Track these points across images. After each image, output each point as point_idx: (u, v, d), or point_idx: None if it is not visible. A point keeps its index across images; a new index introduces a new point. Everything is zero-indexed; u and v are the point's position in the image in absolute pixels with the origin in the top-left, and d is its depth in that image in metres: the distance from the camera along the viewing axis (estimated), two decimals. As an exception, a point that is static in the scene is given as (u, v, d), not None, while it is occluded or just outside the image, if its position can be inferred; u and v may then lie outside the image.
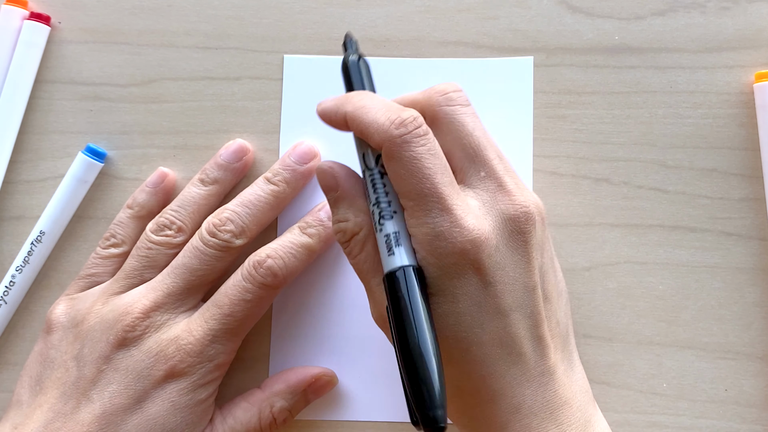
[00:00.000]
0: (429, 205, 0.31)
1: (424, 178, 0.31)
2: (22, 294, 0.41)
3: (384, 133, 0.32)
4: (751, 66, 0.41)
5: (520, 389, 0.32)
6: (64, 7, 0.43)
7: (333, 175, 0.34)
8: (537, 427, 0.32)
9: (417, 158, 0.31)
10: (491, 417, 0.32)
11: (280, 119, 0.42)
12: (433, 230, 0.31)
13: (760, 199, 0.41)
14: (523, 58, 0.42)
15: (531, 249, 0.33)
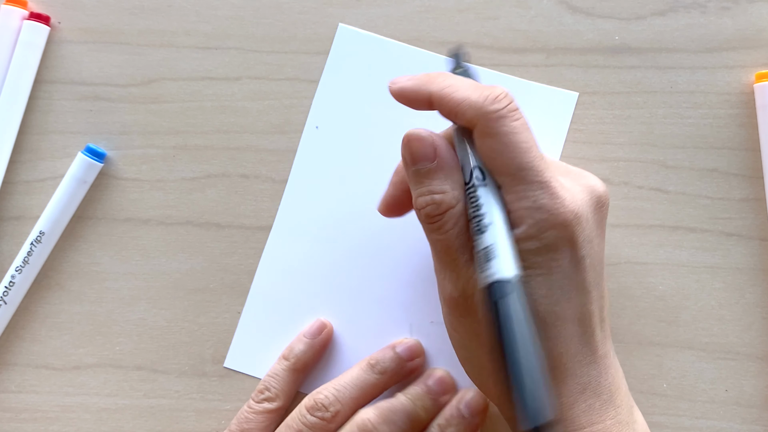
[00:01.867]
0: (528, 179, 0.31)
1: (523, 152, 0.31)
2: (22, 294, 0.41)
3: (479, 109, 0.31)
4: (751, 66, 0.41)
5: (587, 369, 0.33)
6: (63, 7, 0.43)
7: (432, 144, 0.33)
8: (599, 408, 0.33)
9: (514, 132, 0.31)
10: (559, 397, 0.32)
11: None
12: (534, 203, 0.31)
13: (760, 199, 0.41)
14: (569, 92, 0.42)
15: (605, 226, 0.34)
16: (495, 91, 0.32)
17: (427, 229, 0.33)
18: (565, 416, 0.33)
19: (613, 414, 0.33)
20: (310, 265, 0.41)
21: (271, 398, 0.39)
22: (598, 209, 0.33)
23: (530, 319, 0.30)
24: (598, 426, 0.32)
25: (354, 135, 0.42)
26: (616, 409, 0.33)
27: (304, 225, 0.42)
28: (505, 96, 0.32)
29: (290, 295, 0.41)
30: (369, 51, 0.42)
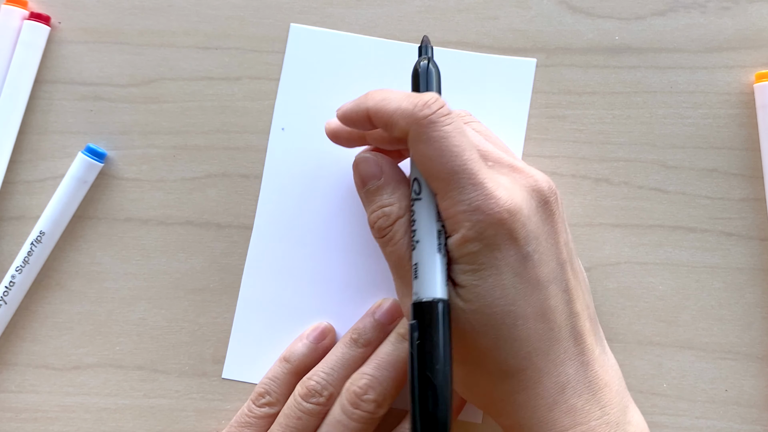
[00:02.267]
0: (461, 182, 0.32)
1: (454, 156, 0.32)
2: (22, 294, 0.41)
3: (410, 117, 0.32)
4: (751, 66, 0.41)
5: (564, 368, 0.33)
6: (64, 7, 0.43)
7: (377, 163, 0.35)
8: (581, 408, 0.32)
9: (444, 137, 0.32)
10: (536, 399, 0.32)
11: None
12: (469, 206, 0.31)
13: (760, 199, 0.41)
14: (527, 59, 0.42)
15: (557, 221, 0.34)
16: (424, 98, 0.32)
17: (381, 245, 0.34)
18: (545, 419, 0.32)
19: (598, 414, 0.32)
20: (295, 264, 0.41)
21: (272, 402, 0.39)
22: (542, 205, 0.33)
23: (446, 343, 0.30)
24: (581, 427, 0.32)
25: (321, 132, 0.42)
26: (602, 408, 0.33)
27: (284, 225, 0.41)
28: (435, 101, 0.32)
29: (279, 296, 0.41)
30: (325, 47, 0.42)
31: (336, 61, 0.42)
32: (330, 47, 0.42)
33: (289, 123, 0.42)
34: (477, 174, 0.32)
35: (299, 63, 0.42)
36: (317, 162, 0.42)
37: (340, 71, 0.42)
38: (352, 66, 0.42)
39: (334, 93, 0.42)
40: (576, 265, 0.35)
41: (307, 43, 0.42)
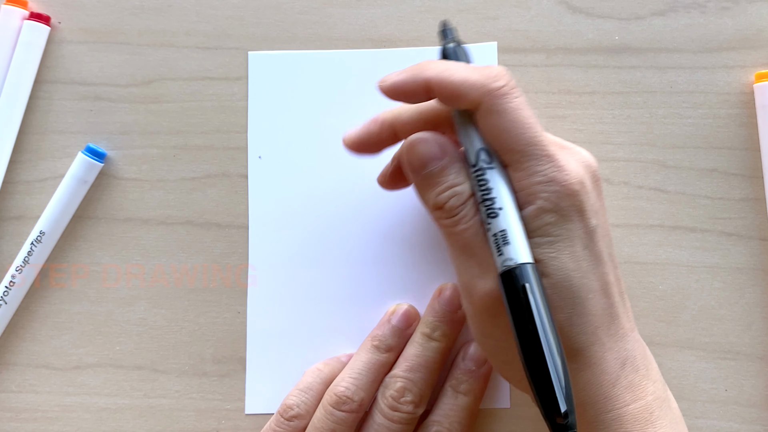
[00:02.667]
0: (536, 154, 0.31)
1: (528, 127, 0.32)
2: (22, 294, 0.41)
3: (482, 88, 0.31)
4: (751, 66, 0.41)
5: (623, 343, 0.33)
6: (64, 7, 0.43)
7: (437, 142, 0.33)
8: (639, 384, 0.33)
9: (519, 108, 0.32)
10: (601, 375, 0.32)
11: (246, 119, 0.42)
12: (545, 177, 0.31)
13: (760, 199, 0.41)
14: (487, 44, 0.42)
15: (602, 199, 0.34)
16: (494, 70, 0.32)
17: (448, 226, 0.33)
18: (608, 395, 0.32)
19: (652, 390, 0.33)
20: (300, 287, 0.41)
21: (301, 415, 0.38)
22: (595, 182, 0.34)
23: (547, 307, 0.30)
24: (640, 402, 0.32)
25: (298, 159, 0.42)
26: (654, 384, 0.33)
27: (282, 251, 0.41)
28: (505, 73, 0.32)
29: (288, 321, 0.41)
30: (287, 69, 0.42)
31: (302, 81, 0.42)
32: (293, 68, 0.42)
33: (265, 151, 0.42)
34: (549, 146, 0.32)
35: (265, 90, 0.42)
36: (300, 188, 0.42)
37: (308, 91, 0.42)
38: (319, 83, 0.42)
39: (305, 113, 0.42)
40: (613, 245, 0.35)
41: (269, 68, 0.42)
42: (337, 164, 0.41)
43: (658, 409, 0.33)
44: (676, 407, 0.35)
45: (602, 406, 0.32)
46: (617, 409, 0.32)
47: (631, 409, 0.32)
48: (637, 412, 0.32)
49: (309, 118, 0.42)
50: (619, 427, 0.32)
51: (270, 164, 0.42)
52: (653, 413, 0.32)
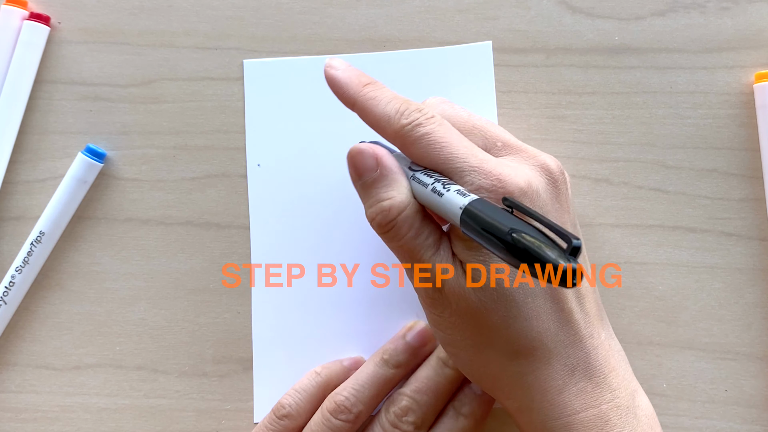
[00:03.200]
0: (460, 168, 0.32)
1: (441, 148, 0.32)
2: (22, 294, 0.41)
3: (393, 126, 0.33)
4: (751, 66, 0.41)
5: (574, 350, 0.33)
6: (63, 7, 0.43)
7: (373, 154, 0.34)
8: (592, 392, 0.32)
9: (429, 133, 0.32)
10: (546, 381, 0.32)
11: (244, 125, 0.42)
12: (473, 186, 0.32)
13: (760, 199, 0.41)
14: (482, 43, 0.42)
15: (566, 200, 0.34)
16: (402, 107, 0.33)
17: (384, 240, 0.34)
18: (555, 401, 0.32)
19: (609, 397, 0.32)
20: (304, 294, 0.41)
21: (291, 415, 0.38)
22: (550, 184, 0.33)
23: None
24: (592, 411, 0.32)
25: (297, 165, 0.42)
26: (612, 392, 0.33)
27: (285, 254, 0.41)
28: (413, 111, 0.33)
29: (292, 327, 0.41)
30: (282, 76, 0.42)
31: (297, 87, 0.42)
32: (288, 75, 0.42)
33: (263, 158, 0.42)
34: (471, 158, 0.32)
35: (261, 97, 0.42)
36: (299, 193, 0.42)
37: (304, 97, 0.42)
38: (315, 89, 0.42)
39: (302, 119, 0.42)
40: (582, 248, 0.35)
41: (264, 76, 0.42)
42: (335, 167, 0.41)
43: (616, 418, 0.32)
44: (647, 415, 0.34)
45: (549, 412, 0.32)
46: (566, 416, 0.32)
47: (581, 417, 0.32)
48: (588, 421, 0.32)
49: (306, 123, 0.42)
50: None
51: (269, 171, 0.42)
52: (608, 422, 0.32)
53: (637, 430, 0.32)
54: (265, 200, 0.42)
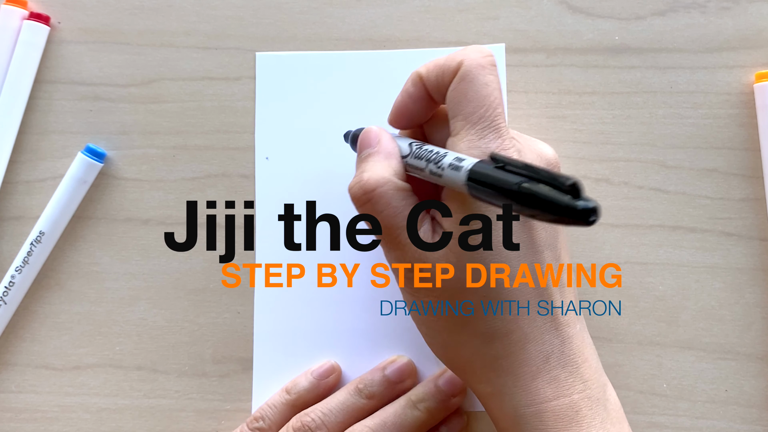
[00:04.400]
0: (486, 128, 0.32)
1: (491, 102, 0.33)
2: (22, 294, 0.41)
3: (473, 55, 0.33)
4: (751, 66, 0.41)
5: (549, 337, 0.33)
6: (63, 7, 0.43)
7: (376, 134, 0.35)
8: (564, 381, 0.32)
9: (489, 84, 0.33)
10: (520, 366, 0.32)
11: (254, 118, 0.42)
12: (482, 152, 0.32)
13: (760, 199, 0.41)
14: (495, 45, 0.42)
15: None
16: (485, 48, 0.34)
17: (360, 212, 0.34)
18: (528, 387, 0.32)
19: (581, 388, 0.32)
20: (305, 295, 0.41)
21: (263, 429, 0.39)
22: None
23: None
24: (564, 399, 0.32)
25: (306, 160, 0.42)
26: (584, 383, 0.33)
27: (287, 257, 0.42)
28: (490, 54, 0.34)
29: (293, 327, 0.41)
30: (294, 69, 0.42)
31: (309, 82, 0.42)
32: (300, 69, 0.42)
33: (272, 152, 0.42)
34: (502, 127, 0.32)
35: (272, 91, 0.42)
36: (307, 188, 0.42)
37: (316, 92, 0.42)
38: (327, 84, 0.42)
39: (313, 114, 0.42)
40: (565, 242, 0.35)
41: (276, 69, 0.42)
42: (343, 164, 0.41)
43: (586, 408, 0.32)
44: (615, 409, 0.34)
45: (521, 398, 0.32)
46: (537, 404, 0.32)
47: (552, 405, 0.32)
48: (559, 409, 0.32)
49: (316, 118, 0.42)
50: (539, 423, 0.32)
51: (277, 165, 0.42)
52: (579, 412, 0.32)
53: (606, 422, 0.32)
54: (272, 193, 0.42)
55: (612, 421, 0.33)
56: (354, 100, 0.42)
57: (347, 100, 0.42)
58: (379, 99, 0.41)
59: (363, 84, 0.42)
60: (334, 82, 0.42)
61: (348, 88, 0.42)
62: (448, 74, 0.33)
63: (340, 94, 0.42)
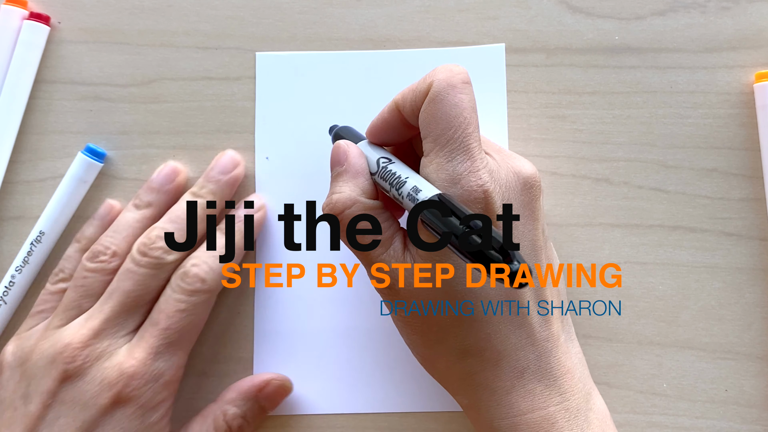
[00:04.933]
0: (454, 150, 0.32)
1: (459, 123, 0.32)
2: (22, 294, 0.41)
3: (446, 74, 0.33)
4: (751, 66, 0.41)
5: (524, 353, 0.33)
6: (63, 7, 0.43)
7: (344, 151, 0.35)
8: (541, 393, 0.33)
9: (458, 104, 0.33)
10: (495, 381, 0.33)
11: (254, 118, 0.42)
12: (451, 175, 0.32)
13: (760, 199, 0.41)
14: (495, 45, 0.42)
15: (538, 209, 0.34)
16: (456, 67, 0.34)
17: (333, 231, 0.35)
18: (502, 401, 0.33)
19: (558, 400, 0.33)
20: (303, 288, 0.41)
21: (65, 278, 0.40)
22: (525, 190, 0.34)
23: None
24: (539, 412, 0.32)
25: (305, 160, 0.42)
26: (562, 395, 0.33)
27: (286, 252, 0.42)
28: (462, 71, 0.34)
29: (293, 319, 0.41)
30: (294, 69, 0.42)
31: (309, 82, 0.42)
32: (300, 69, 0.42)
33: (272, 152, 0.42)
34: (473, 148, 0.32)
35: (272, 90, 0.42)
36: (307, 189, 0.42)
37: (316, 91, 0.42)
38: (327, 84, 0.42)
39: (313, 114, 0.42)
40: (551, 253, 0.36)
41: (276, 69, 0.42)
42: None
43: (563, 420, 0.32)
44: (600, 418, 0.34)
45: (496, 411, 0.33)
46: (512, 416, 0.32)
47: (527, 418, 0.32)
48: (533, 422, 0.32)
49: (317, 118, 0.42)
50: None
51: (277, 165, 0.42)
52: (555, 424, 0.32)
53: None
54: (272, 193, 0.42)
55: (593, 430, 0.33)
56: (354, 100, 0.42)
57: (347, 99, 0.42)
58: (379, 99, 0.41)
59: (363, 84, 0.42)
60: (334, 82, 0.42)
61: (348, 88, 0.42)
62: (420, 97, 0.33)
63: (340, 94, 0.42)
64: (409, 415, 0.40)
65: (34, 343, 0.38)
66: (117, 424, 0.36)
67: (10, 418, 0.36)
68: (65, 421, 0.35)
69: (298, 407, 0.41)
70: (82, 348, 0.36)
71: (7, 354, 0.38)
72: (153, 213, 0.40)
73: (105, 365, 0.36)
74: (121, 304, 0.37)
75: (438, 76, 0.33)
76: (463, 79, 0.33)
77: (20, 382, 0.37)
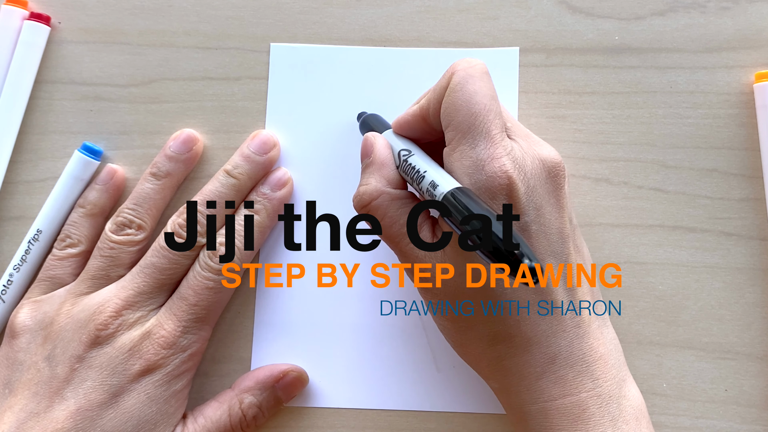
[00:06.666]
0: (477, 137, 0.33)
1: (480, 110, 0.33)
2: (21, 292, 0.41)
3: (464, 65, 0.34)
4: (751, 66, 0.41)
5: (555, 339, 0.33)
6: (64, 7, 0.43)
7: (371, 143, 0.36)
8: (572, 379, 0.33)
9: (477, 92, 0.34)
10: (525, 367, 0.33)
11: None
12: (474, 162, 0.32)
13: (760, 199, 0.41)
14: (509, 48, 0.42)
15: (564, 196, 0.34)
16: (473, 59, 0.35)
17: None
18: (532, 387, 0.33)
19: (590, 386, 0.33)
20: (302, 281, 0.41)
21: (73, 244, 0.40)
22: (550, 178, 0.34)
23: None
24: (571, 398, 0.32)
25: (315, 152, 0.42)
26: (594, 380, 0.33)
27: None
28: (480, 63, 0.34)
29: (292, 312, 0.41)
30: (307, 62, 0.42)
31: (322, 74, 0.42)
32: (314, 62, 0.42)
33: (282, 142, 0.42)
34: (495, 134, 0.32)
35: (285, 82, 0.42)
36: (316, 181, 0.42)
37: (329, 84, 0.42)
38: (340, 78, 0.42)
39: (325, 106, 0.42)
40: (579, 241, 0.36)
41: (290, 60, 0.42)
42: (344, 164, 0.41)
43: (594, 406, 0.32)
44: (633, 406, 0.34)
45: (526, 396, 0.33)
46: (543, 402, 0.33)
47: (558, 403, 0.32)
48: (564, 408, 0.32)
49: (329, 111, 0.42)
50: (544, 419, 0.33)
51: (286, 156, 0.42)
52: (587, 410, 0.32)
53: (618, 420, 0.33)
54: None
55: (625, 419, 0.33)
56: (354, 100, 0.42)
57: (347, 100, 0.42)
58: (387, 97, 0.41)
59: (376, 78, 0.42)
60: (347, 76, 0.42)
61: (362, 81, 0.42)
62: (441, 92, 0.34)
63: (355, 88, 0.42)
64: (410, 414, 0.40)
65: (58, 307, 0.38)
66: (143, 390, 0.37)
67: (31, 379, 0.37)
68: (91, 385, 0.36)
69: (297, 401, 0.41)
70: (115, 317, 0.37)
71: (23, 318, 0.39)
72: (172, 183, 0.41)
73: (135, 334, 0.37)
74: (155, 280, 0.38)
75: (457, 68, 0.34)
76: (482, 70, 0.34)
77: (44, 345, 0.37)
